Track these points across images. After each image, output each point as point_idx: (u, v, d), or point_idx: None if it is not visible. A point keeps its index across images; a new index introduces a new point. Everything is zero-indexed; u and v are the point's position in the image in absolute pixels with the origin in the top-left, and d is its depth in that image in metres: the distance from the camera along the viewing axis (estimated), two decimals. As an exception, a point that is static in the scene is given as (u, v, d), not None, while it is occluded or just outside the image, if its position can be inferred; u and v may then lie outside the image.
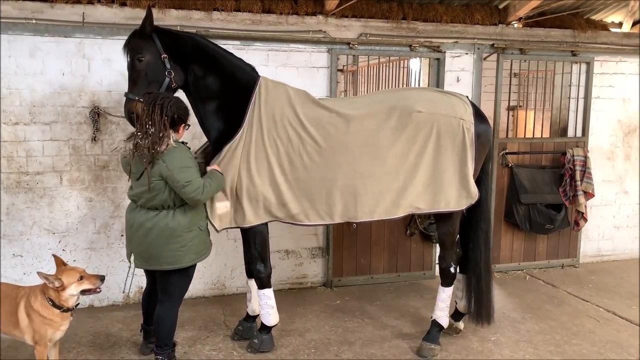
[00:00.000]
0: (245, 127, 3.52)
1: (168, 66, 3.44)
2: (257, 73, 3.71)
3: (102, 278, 3.20)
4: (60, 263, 3.20)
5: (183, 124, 3.34)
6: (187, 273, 3.42)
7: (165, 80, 3.45)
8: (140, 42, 3.44)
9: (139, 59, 3.41)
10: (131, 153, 3.19)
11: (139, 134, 3.15)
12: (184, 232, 3.27)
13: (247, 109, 3.54)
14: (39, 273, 3.03)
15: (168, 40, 3.50)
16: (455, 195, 3.70)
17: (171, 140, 3.21)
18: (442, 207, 3.71)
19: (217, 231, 3.59)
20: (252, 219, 3.59)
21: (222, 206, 3.55)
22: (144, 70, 3.41)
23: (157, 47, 3.43)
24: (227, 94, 3.61)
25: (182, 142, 3.37)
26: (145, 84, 3.40)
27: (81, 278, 3.12)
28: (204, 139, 3.91)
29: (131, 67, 3.46)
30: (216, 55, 3.62)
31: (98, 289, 3.18)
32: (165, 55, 3.43)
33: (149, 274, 3.60)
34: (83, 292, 3.14)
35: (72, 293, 3.10)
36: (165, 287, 3.40)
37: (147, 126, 3.10)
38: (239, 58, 3.74)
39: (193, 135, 4.25)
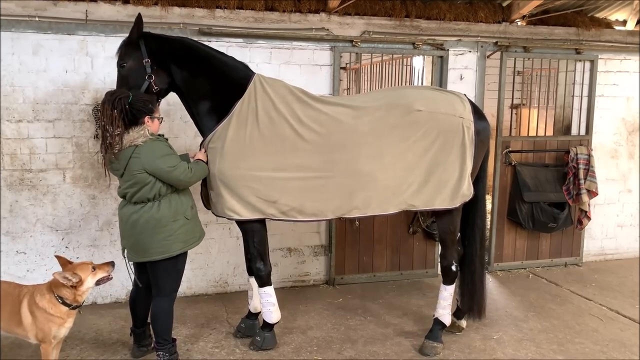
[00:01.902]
0: (231, 121, 3.51)
1: (149, 71, 3.47)
2: (251, 71, 3.69)
3: (112, 264, 3.30)
4: (65, 262, 3.21)
5: (148, 117, 3.32)
6: (176, 266, 3.45)
7: (144, 84, 3.48)
8: (126, 49, 3.53)
9: (122, 65, 3.51)
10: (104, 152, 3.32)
11: (103, 133, 3.25)
12: (169, 222, 3.34)
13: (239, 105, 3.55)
14: (55, 274, 3.05)
15: (155, 45, 3.53)
16: (450, 194, 3.69)
17: (147, 132, 3.28)
18: (437, 205, 3.71)
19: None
20: (244, 213, 3.58)
21: None
22: (126, 75, 3.50)
23: (142, 53, 3.47)
24: (219, 94, 3.60)
25: (160, 135, 3.42)
26: (126, 89, 3.46)
27: (94, 269, 3.20)
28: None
29: (117, 74, 3.58)
30: (207, 56, 3.62)
31: (110, 276, 3.28)
32: (147, 60, 3.46)
33: (141, 272, 3.59)
34: (97, 282, 3.22)
35: (89, 285, 3.18)
36: (156, 281, 3.44)
37: (103, 124, 3.23)
38: (231, 57, 3.74)
39: (195, 134, 4.24)
